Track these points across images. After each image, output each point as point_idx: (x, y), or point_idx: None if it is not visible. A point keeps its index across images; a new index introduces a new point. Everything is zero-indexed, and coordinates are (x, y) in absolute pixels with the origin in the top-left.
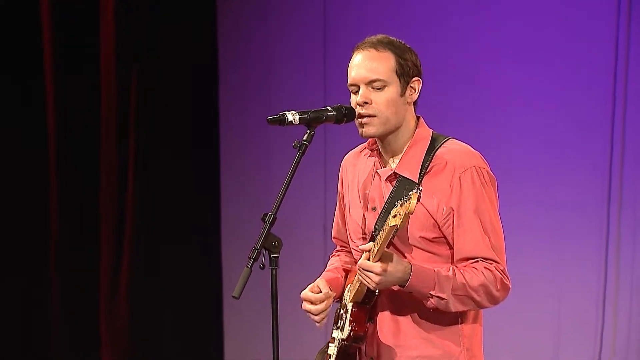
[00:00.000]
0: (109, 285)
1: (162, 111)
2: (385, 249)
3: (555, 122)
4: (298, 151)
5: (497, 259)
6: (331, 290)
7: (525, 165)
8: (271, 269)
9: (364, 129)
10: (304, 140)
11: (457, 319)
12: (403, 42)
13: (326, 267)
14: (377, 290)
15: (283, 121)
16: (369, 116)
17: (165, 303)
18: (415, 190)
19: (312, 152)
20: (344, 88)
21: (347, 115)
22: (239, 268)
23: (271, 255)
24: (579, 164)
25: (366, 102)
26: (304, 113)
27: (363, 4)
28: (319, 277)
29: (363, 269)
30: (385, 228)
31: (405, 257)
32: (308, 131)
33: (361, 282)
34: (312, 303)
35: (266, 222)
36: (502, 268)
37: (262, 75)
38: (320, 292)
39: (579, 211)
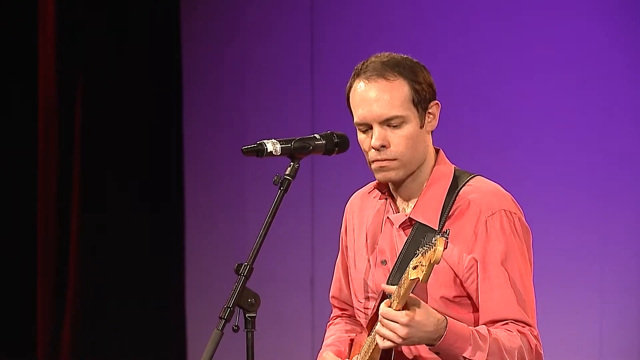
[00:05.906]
0: (47, 352)
1: (112, 141)
2: (411, 294)
3: (606, 162)
4: (279, 188)
5: (530, 321)
6: None
7: (569, 212)
8: (247, 332)
9: (384, 174)
10: (287, 175)
11: None
12: (410, 58)
13: (324, 339)
14: (393, 355)
15: (261, 152)
16: (388, 160)
17: None
18: (440, 235)
19: (297, 189)
20: (336, 113)
21: (339, 144)
22: (207, 331)
23: (247, 315)
24: (632, 213)
25: (384, 146)
26: (286, 142)
27: (356, 3)
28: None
29: (386, 319)
30: (404, 282)
31: None
32: (292, 164)
33: (375, 345)
34: None
35: (240, 275)
36: (535, 333)
37: (235, 97)
38: None
39: (629, 266)
